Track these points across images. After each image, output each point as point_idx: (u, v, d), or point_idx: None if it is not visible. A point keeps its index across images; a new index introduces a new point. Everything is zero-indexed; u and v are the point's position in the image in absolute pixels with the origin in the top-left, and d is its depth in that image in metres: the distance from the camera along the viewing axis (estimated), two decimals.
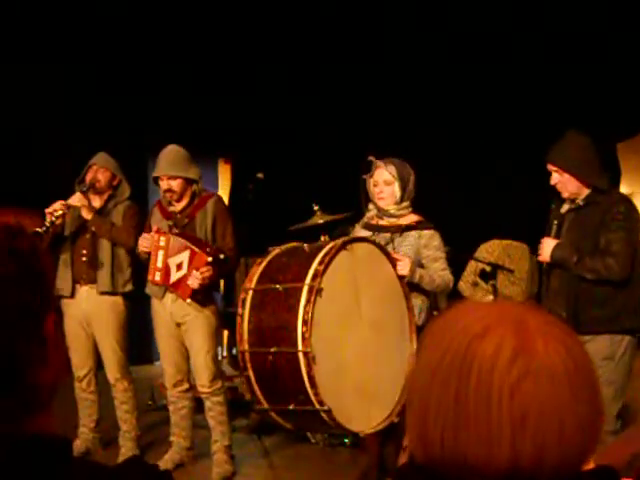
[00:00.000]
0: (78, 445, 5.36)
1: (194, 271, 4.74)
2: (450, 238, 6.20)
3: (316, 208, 4.62)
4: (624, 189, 7.23)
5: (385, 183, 4.44)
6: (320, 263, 3.89)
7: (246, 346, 4.01)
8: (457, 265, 6.34)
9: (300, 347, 3.79)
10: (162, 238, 4.87)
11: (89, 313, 5.26)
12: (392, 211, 4.48)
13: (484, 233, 6.73)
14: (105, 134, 7.27)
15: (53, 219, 4.87)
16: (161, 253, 4.86)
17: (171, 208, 5.04)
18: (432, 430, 1.02)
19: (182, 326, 4.99)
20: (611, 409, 4.00)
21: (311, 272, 3.87)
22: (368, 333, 4.11)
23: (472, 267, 6.29)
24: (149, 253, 4.91)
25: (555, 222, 4.29)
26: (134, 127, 8.29)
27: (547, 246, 4.27)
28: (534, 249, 4.76)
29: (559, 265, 4.23)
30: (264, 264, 4.15)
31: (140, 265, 5.33)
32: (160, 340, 5.14)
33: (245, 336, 4.01)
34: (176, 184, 4.94)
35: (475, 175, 8.10)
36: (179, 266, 4.83)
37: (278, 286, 3.96)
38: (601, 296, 4.14)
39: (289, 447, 5.75)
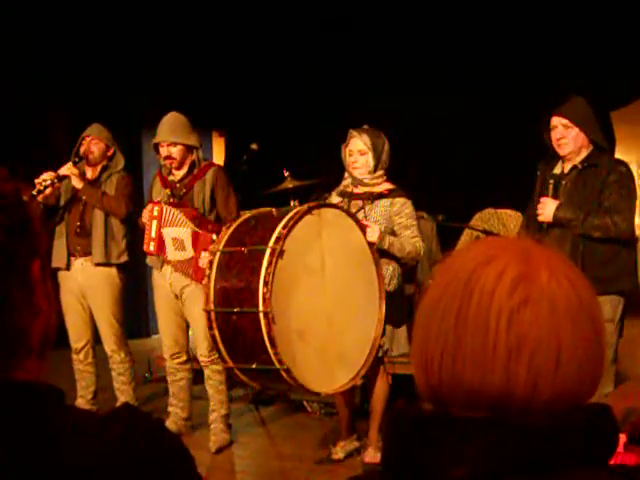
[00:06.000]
0: None
1: (203, 252, 4.76)
2: (445, 207, 6.24)
3: (287, 174, 4.66)
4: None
5: (359, 153, 4.53)
6: (284, 227, 3.99)
7: (212, 306, 4.14)
8: (452, 234, 6.36)
9: (261, 307, 3.88)
10: (155, 208, 4.87)
11: (84, 285, 5.26)
12: (366, 180, 4.57)
13: (479, 202, 6.73)
14: (98, 107, 7.23)
15: (41, 188, 4.89)
16: (155, 223, 4.86)
17: (170, 177, 5.03)
18: (432, 353, 1.03)
19: (181, 297, 4.99)
20: (610, 372, 4.03)
21: (274, 235, 3.96)
22: (332, 296, 4.18)
23: (467, 235, 6.30)
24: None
25: (551, 181, 4.26)
26: (128, 100, 8.25)
27: (548, 206, 4.21)
28: None
29: (561, 225, 4.20)
30: (233, 227, 4.26)
31: (136, 237, 5.32)
32: (159, 312, 5.15)
33: (211, 296, 4.14)
34: (176, 151, 4.92)
35: (471, 145, 8.08)
36: (177, 242, 4.83)
37: (243, 249, 4.06)
38: (604, 256, 4.15)
39: (286, 417, 5.79)
